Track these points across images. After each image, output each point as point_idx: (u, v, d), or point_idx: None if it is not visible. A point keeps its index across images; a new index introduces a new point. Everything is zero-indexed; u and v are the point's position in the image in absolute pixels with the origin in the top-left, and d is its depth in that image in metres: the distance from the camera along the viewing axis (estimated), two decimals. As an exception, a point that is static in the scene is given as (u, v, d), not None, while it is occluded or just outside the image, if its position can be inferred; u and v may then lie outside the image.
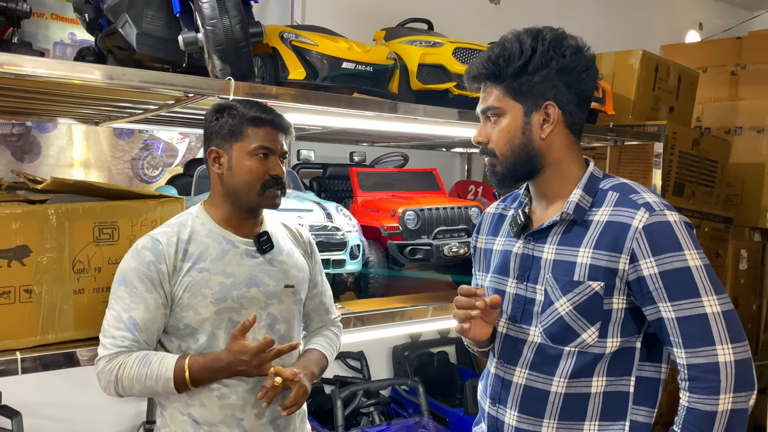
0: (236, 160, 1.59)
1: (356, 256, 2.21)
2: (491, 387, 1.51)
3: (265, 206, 1.63)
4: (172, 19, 1.87)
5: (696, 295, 1.27)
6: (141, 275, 1.52)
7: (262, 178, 1.59)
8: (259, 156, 1.58)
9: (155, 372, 1.48)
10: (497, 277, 1.52)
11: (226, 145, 1.60)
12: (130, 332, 1.50)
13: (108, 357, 1.50)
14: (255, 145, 1.58)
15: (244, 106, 1.60)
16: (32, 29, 2.48)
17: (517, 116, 1.39)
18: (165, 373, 1.48)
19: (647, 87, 3.39)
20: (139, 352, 1.51)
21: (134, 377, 1.48)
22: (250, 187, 1.59)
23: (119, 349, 1.49)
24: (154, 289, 1.52)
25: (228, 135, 1.59)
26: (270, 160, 1.59)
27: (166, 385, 1.49)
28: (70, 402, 2.56)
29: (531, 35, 1.38)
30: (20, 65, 1.43)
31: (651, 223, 1.31)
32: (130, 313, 1.50)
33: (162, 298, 1.53)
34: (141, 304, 1.51)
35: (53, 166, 2.61)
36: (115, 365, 1.49)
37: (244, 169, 1.58)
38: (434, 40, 2.38)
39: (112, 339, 1.50)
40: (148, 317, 1.51)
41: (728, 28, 5.19)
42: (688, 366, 1.28)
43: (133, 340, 1.50)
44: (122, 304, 1.51)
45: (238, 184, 1.60)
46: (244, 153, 1.58)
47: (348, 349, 3.26)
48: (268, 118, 1.60)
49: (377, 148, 3.26)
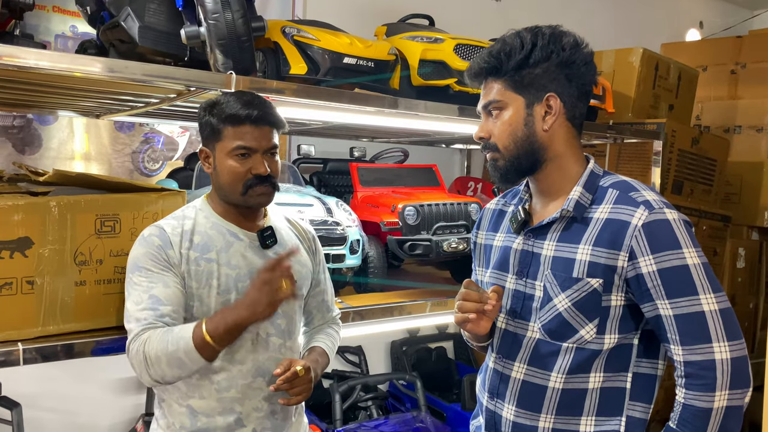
0: (219, 160, 1.58)
1: (356, 250, 2.21)
2: (489, 381, 1.52)
3: (252, 204, 1.60)
4: (174, 12, 1.87)
5: (694, 293, 1.28)
6: (153, 257, 1.51)
7: (244, 178, 1.55)
8: (237, 156, 1.55)
9: (177, 337, 1.42)
10: (497, 272, 1.53)
11: (211, 145, 1.59)
12: (153, 309, 1.46)
13: (134, 337, 1.46)
14: (233, 146, 1.54)
15: (226, 103, 1.55)
16: (34, 21, 2.48)
17: (520, 109, 1.41)
18: (185, 334, 1.42)
19: (647, 85, 3.40)
20: (163, 327, 1.46)
21: (159, 349, 1.42)
22: (233, 187, 1.57)
23: (144, 326, 1.45)
24: (170, 268, 1.51)
25: (210, 135, 1.58)
26: (251, 159, 1.55)
27: (187, 348, 1.41)
28: (69, 394, 2.57)
29: (530, 31, 1.41)
30: (22, 57, 1.44)
31: (650, 221, 1.32)
32: (150, 293, 1.48)
33: (177, 276, 1.52)
34: (159, 282, 1.49)
35: (54, 159, 2.61)
36: (141, 342, 1.44)
37: (225, 170, 1.56)
38: (435, 36, 2.39)
39: (137, 321, 1.47)
40: (169, 292, 1.49)
41: (729, 26, 5.19)
42: (684, 363, 1.29)
43: (158, 315, 1.46)
44: (140, 287, 1.49)
45: (223, 184, 1.59)
46: (224, 153, 1.56)
47: (346, 343, 3.28)
48: (245, 114, 1.53)
49: (377, 143, 3.27)
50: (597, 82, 1.47)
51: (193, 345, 1.42)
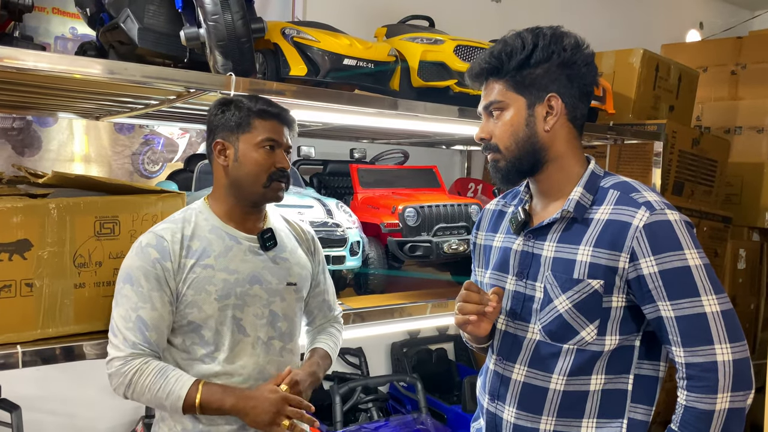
0: (243, 151, 1.60)
1: (356, 252, 2.21)
2: (490, 383, 1.52)
3: (269, 199, 1.64)
4: (173, 14, 1.87)
5: (695, 295, 1.28)
6: (146, 273, 1.52)
7: (269, 170, 1.60)
8: (266, 148, 1.60)
9: (170, 386, 1.48)
10: (497, 273, 1.52)
11: (233, 137, 1.61)
12: (140, 332, 1.50)
13: (123, 359, 1.49)
14: (263, 137, 1.59)
15: (250, 100, 1.62)
16: (33, 23, 2.48)
17: (521, 109, 1.40)
18: (178, 390, 1.48)
19: (647, 86, 3.40)
20: (158, 362, 1.51)
21: (148, 387, 1.48)
22: (256, 178, 1.60)
23: (132, 350, 1.50)
24: (160, 287, 1.52)
25: (235, 127, 1.60)
26: (276, 153, 1.61)
27: (175, 403, 1.49)
28: (69, 396, 2.57)
29: (531, 32, 1.41)
30: (22, 59, 1.43)
31: (651, 222, 1.31)
32: (137, 313, 1.51)
33: (168, 295, 1.53)
34: (147, 302, 1.51)
35: (54, 161, 2.61)
36: (131, 369, 1.49)
37: (251, 161, 1.59)
38: (435, 38, 2.38)
39: (123, 340, 1.50)
40: (155, 315, 1.52)
41: (729, 27, 5.20)
42: (686, 365, 1.29)
43: (144, 340, 1.51)
44: (129, 303, 1.51)
45: (244, 175, 1.60)
46: (251, 145, 1.59)
47: (347, 345, 3.27)
48: (275, 111, 1.62)
49: (378, 144, 3.27)
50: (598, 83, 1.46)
51: (182, 405, 1.48)
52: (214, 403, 1.49)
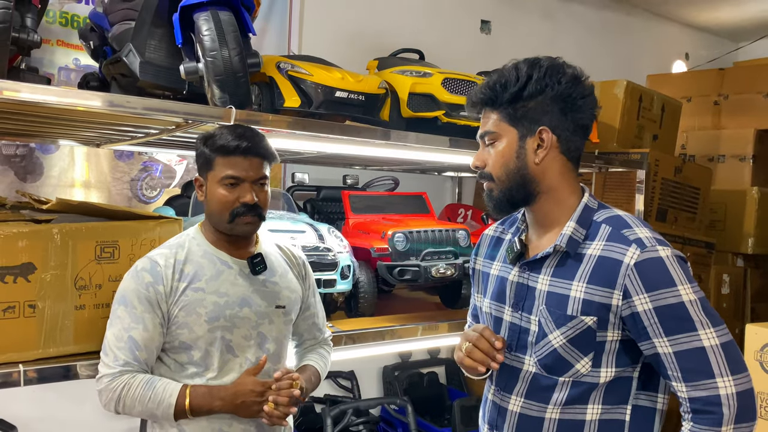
0: (209, 188, 1.66)
1: (347, 276, 2.27)
2: (488, 413, 1.53)
3: (238, 233, 1.67)
4: (173, 49, 1.95)
5: (692, 329, 1.27)
6: (140, 296, 1.59)
7: (231, 207, 1.62)
8: (226, 185, 1.62)
9: (159, 396, 1.55)
10: (495, 304, 1.53)
11: (204, 174, 1.67)
12: (131, 351, 1.57)
13: (111, 375, 1.56)
14: (222, 175, 1.62)
15: (220, 135, 1.63)
16: (38, 54, 2.57)
17: (513, 141, 1.41)
18: (168, 398, 1.55)
19: (631, 116, 3.49)
20: (144, 375, 1.58)
21: (137, 398, 1.55)
22: (220, 216, 1.65)
23: (122, 368, 1.56)
24: (152, 309, 1.59)
25: (203, 165, 1.67)
26: (239, 188, 1.62)
27: (166, 411, 1.55)
28: (65, 417, 2.60)
29: (528, 63, 1.41)
30: (31, 93, 1.51)
31: (642, 260, 1.31)
32: (129, 333, 1.57)
33: (159, 317, 1.60)
34: (140, 324, 1.58)
35: (55, 186, 2.68)
36: (119, 384, 1.55)
37: (215, 198, 1.64)
38: (424, 71, 2.48)
39: (114, 358, 1.57)
40: (146, 336, 1.58)
41: (713, 58, 5.33)
42: (689, 399, 1.28)
43: (134, 359, 1.57)
44: (122, 323, 1.58)
45: (211, 212, 1.67)
46: (215, 182, 1.64)
47: (339, 368, 3.32)
48: (235, 145, 1.60)
49: (370, 171, 3.35)
50: (596, 116, 1.51)
51: (173, 411, 1.56)
52: (204, 407, 1.58)
